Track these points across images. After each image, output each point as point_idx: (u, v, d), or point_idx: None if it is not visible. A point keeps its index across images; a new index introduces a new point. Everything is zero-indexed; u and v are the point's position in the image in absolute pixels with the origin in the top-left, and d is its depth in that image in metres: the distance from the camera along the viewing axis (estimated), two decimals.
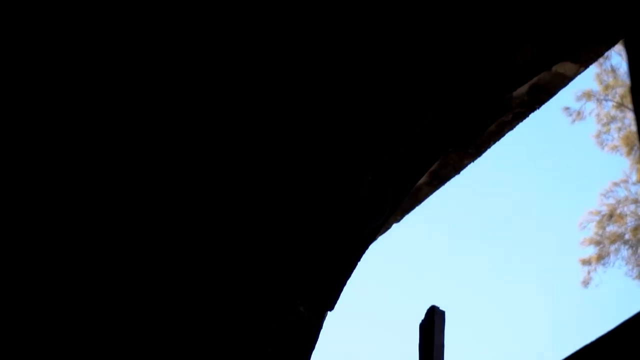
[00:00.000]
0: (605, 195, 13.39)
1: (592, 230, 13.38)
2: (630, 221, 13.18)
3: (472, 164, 4.02)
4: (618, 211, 13.19)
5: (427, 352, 2.81)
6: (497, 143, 3.98)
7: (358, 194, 2.98)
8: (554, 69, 3.66)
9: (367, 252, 3.84)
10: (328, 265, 3.74)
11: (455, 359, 3.02)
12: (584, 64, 3.64)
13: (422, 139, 3.56)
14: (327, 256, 3.73)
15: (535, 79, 3.65)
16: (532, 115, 3.93)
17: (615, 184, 13.39)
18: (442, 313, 2.88)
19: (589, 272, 13.40)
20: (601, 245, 13.28)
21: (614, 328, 2.31)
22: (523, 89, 3.71)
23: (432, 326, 2.82)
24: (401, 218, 4.10)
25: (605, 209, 13.40)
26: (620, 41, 3.55)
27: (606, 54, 3.71)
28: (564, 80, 3.77)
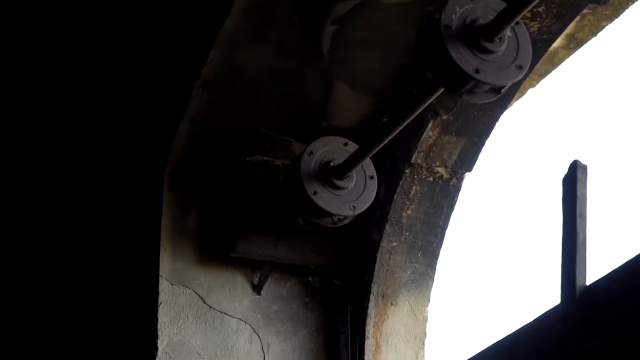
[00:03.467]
0: None
1: None
2: None
3: (609, 25, 3.92)
4: None
5: (570, 203, 2.80)
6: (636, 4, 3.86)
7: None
8: None
9: (505, 116, 3.80)
10: (462, 128, 3.71)
11: (598, 211, 3.00)
12: None
13: None
14: (460, 119, 3.71)
15: None
16: None
17: None
18: (585, 167, 2.85)
19: None
20: None
21: None
22: None
23: (575, 179, 2.80)
24: (537, 83, 4.04)
25: None
26: None
27: None
28: None
